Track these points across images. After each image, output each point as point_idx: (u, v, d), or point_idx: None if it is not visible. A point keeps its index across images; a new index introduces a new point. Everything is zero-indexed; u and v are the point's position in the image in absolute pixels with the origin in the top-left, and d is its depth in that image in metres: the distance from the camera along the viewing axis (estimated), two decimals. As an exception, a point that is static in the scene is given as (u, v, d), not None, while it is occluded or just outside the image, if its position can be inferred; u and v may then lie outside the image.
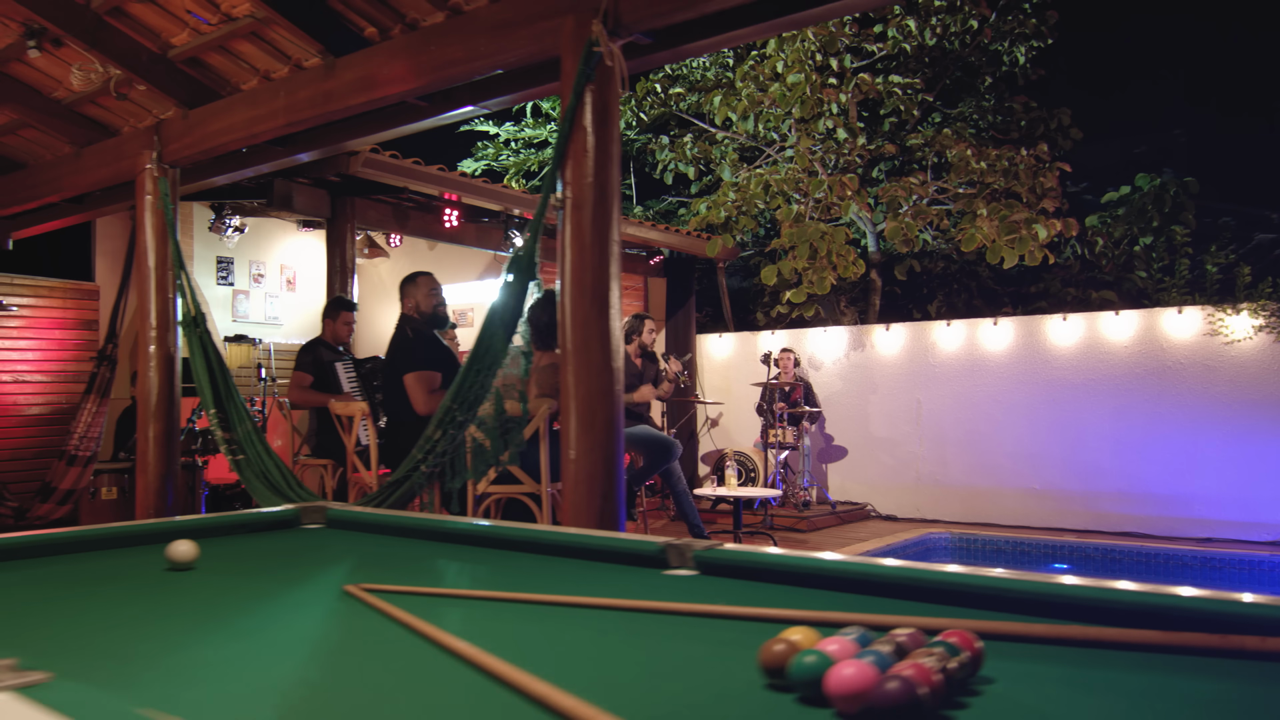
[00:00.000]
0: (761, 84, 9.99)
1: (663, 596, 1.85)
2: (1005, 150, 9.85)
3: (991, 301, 12.83)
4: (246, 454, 4.64)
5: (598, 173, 3.45)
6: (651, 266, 12.08)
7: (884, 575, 1.81)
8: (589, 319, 3.44)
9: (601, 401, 3.42)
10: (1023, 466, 10.12)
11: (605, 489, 3.40)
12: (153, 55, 5.00)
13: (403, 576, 2.08)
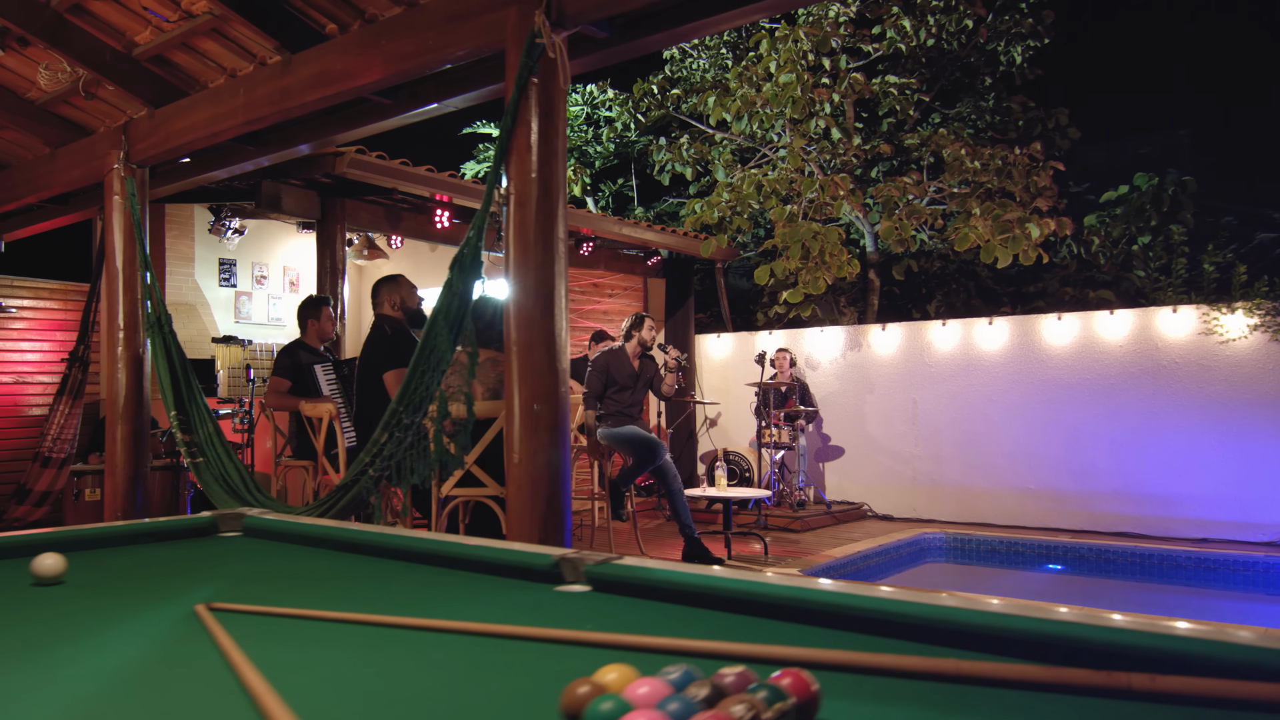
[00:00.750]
0: (755, 84, 9.80)
1: (541, 616, 1.69)
2: (998, 149, 9.64)
3: (990, 301, 12.60)
4: (206, 456, 4.50)
5: (541, 168, 3.29)
6: (650, 267, 11.92)
7: (777, 596, 1.63)
8: (532, 319, 3.27)
9: (546, 404, 3.26)
10: (1018, 466, 9.90)
11: (550, 494, 3.24)
12: (117, 54, 4.87)
13: (277, 593, 1.92)
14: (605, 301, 12.03)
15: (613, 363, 7.73)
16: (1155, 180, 12.02)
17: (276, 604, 1.73)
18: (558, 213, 3.32)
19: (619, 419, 7.68)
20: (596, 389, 7.69)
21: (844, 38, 10.91)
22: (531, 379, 3.25)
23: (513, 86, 3.28)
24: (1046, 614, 1.42)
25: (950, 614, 1.50)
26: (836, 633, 1.53)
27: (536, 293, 3.27)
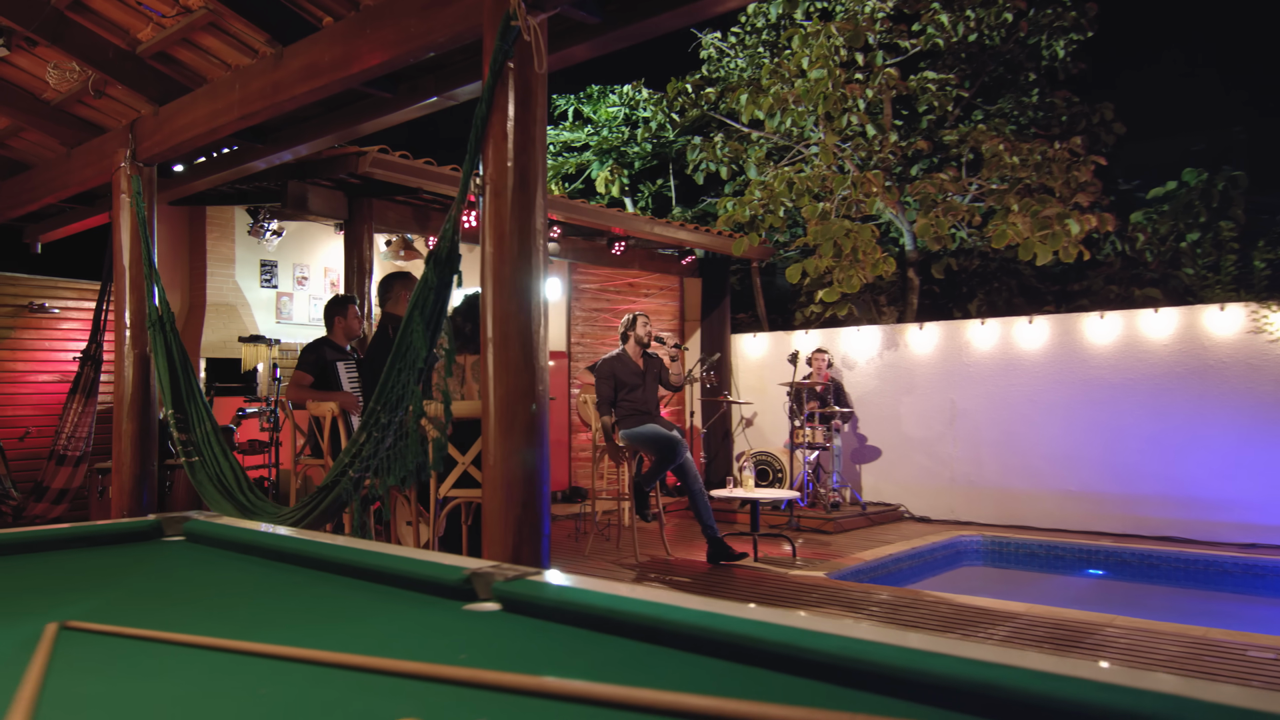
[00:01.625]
0: (788, 81, 9.53)
1: (430, 641, 1.48)
2: (1037, 144, 9.26)
3: (1033, 300, 12.18)
4: (202, 455, 4.38)
5: (518, 157, 3.09)
6: (686, 267, 11.69)
7: (690, 626, 1.41)
8: (508, 314, 3.08)
9: (521, 402, 3.06)
10: (1059, 468, 9.52)
11: (525, 496, 3.04)
12: (120, 52, 4.77)
13: (159, 609, 1.74)
14: (641, 301, 11.83)
15: (616, 367, 7.60)
16: (1204, 176, 11.54)
17: (155, 621, 1.55)
18: (535, 203, 3.12)
19: (638, 418, 7.49)
20: (607, 395, 7.56)
21: (880, 33, 10.60)
22: (507, 376, 3.06)
23: (488, 71, 3.09)
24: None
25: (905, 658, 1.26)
26: (751, 670, 1.30)
27: (512, 286, 3.07)
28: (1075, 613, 5.74)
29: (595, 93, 14.01)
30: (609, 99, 13.76)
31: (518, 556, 3.02)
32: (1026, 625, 5.42)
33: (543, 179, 3.15)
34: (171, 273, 10.75)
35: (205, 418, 4.47)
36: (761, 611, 1.41)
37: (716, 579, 6.82)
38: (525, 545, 3.02)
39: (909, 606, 5.87)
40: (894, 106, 12.20)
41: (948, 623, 5.47)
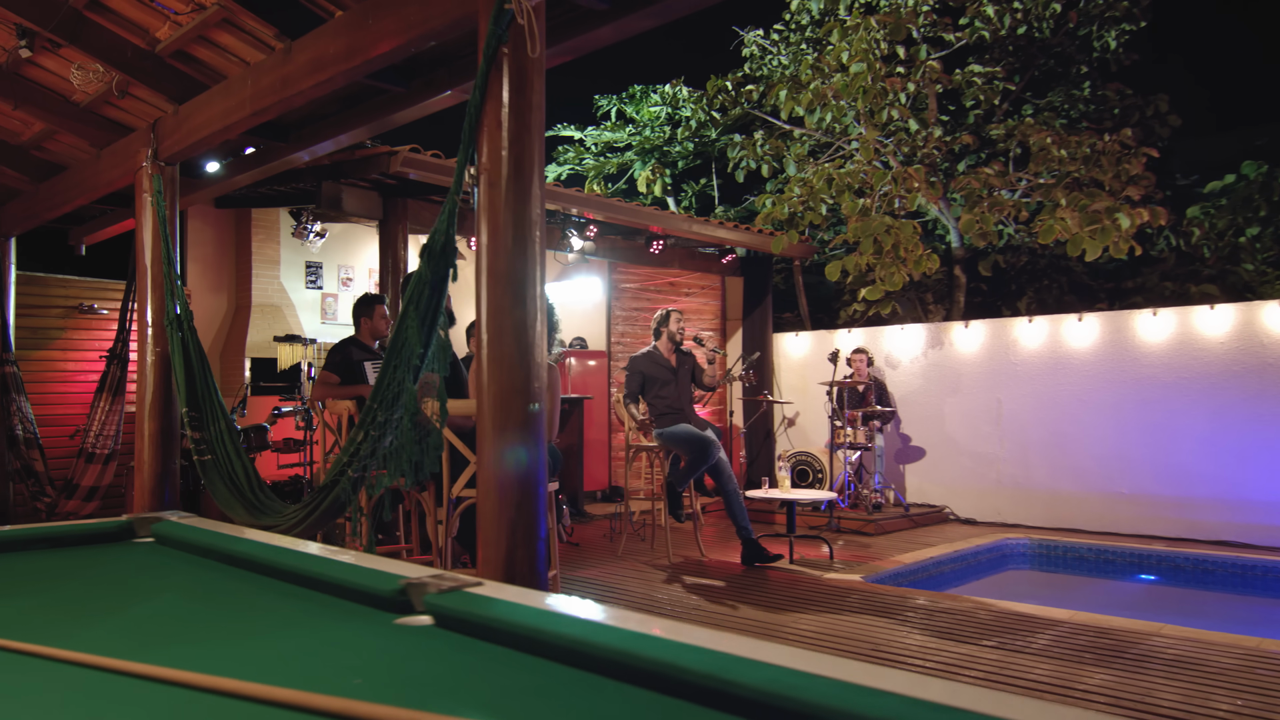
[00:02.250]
0: (827, 76, 9.30)
1: (345, 658, 1.33)
2: (1086, 137, 8.92)
3: (1085, 298, 11.79)
4: (215, 454, 4.30)
5: (513, 144, 2.94)
6: (727, 266, 11.48)
7: (615, 652, 1.23)
8: (501, 308, 2.93)
9: (514, 400, 2.91)
10: (1110, 470, 9.16)
11: (519, 498, 2.89)
12: (139, 51, 4.72)
13: (63, 620, 1.61)
14: (682, 300, 11.65)
15: (646, 364, 7.43)
16: (1264, 169, 11.08)
17: (59, 631, 1.42)
18: (531, 192, 2.96)
19: (671, 417, 7.31)
20: (633, 389, 7.44)
21: (924, 27, 10.31)
22: (500, 373, 2.91)
23: (482, 57, 2.94)
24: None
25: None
26: (675, 704, 1.13)
27: (507, 279, 2.92)
28: (1121, 620, 5.45)
29: (638, 92, 13.86)
30: (650, 98, 13.61)
31: (511, 560, 2.87)
32: (1068, 633, 5.16)
33: (539, 168, 3.00)
34: (218, 274, 10.81)
35: (220, 416, 4.40)
36: (702, 635, 1.23)
37: (750, 581, 6.63)
38: (520, 548, 2.87)
39: (945, 612, 5.63)
40: (940, 101, 11.89)
41: (985, 629, 5.22)
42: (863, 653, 4.72)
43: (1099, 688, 4.19)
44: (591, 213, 9.04)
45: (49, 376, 8.48)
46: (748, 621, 5.39)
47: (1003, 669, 4.45)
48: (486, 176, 2.96)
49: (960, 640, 4.98)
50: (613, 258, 10.45)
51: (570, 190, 8.53)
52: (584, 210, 8.95)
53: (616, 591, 6.23)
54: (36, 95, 5.44)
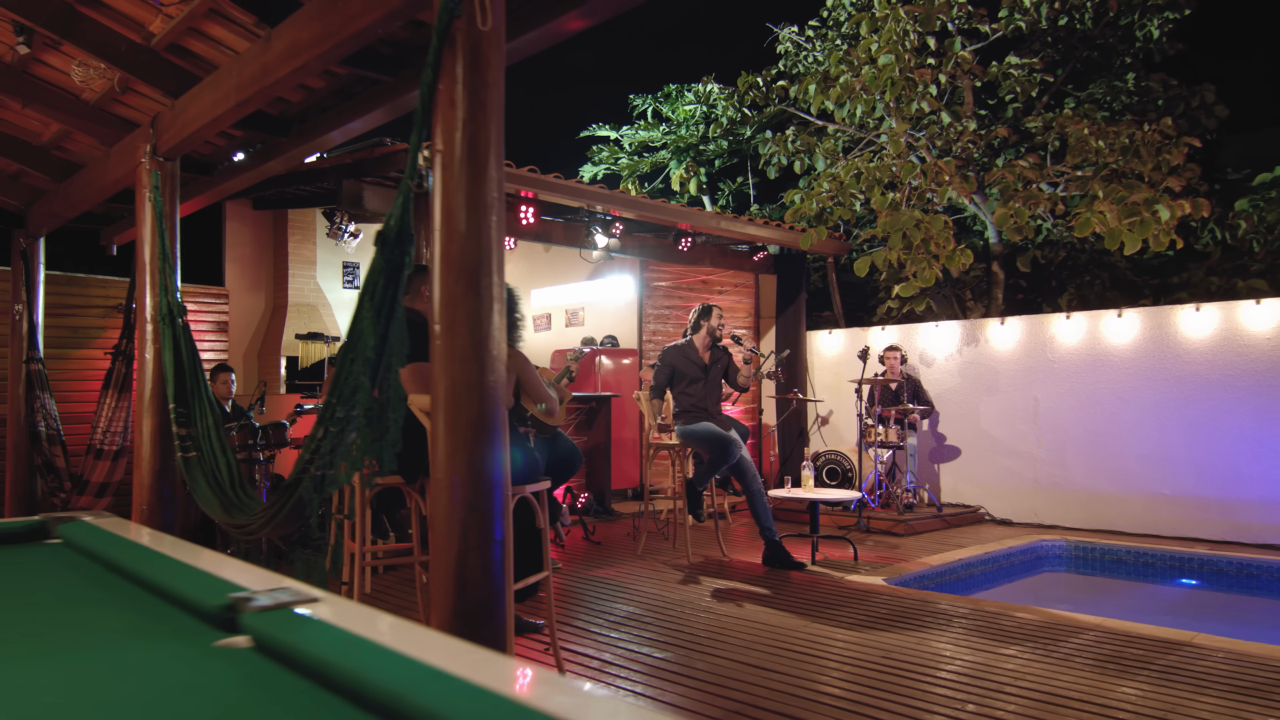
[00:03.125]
0: (856, 69, 8.97)
1: (144, 690, 1.12)
2: (1124, 126, 8.49)
3: (1129, 294, 11.31)
4: (200, 451, 4.15)
5: (467, 124, 2.73)
6: (761, 263, 11.19)
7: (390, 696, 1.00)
8: (454, 297, 2.71)
9: (467, 395, 2.69)
10: (1151, 470, 8.73)
11: (472, 498, 2.67)
12: (133, 45, 4.59)
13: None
14: (715, 298, 11.38)
15: (677, 357, 7.12)
16: (1316, 159, 10.53)
17: None
18: (487, 175, 2.74)
19: (694, 415, 7.05)
20: (661, 383, 7.13)
21: (959, 19, 9.93)
22: (453, 366, 2.69)
23: (434, 33, 2.73)
24: None
25: None
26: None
27: (459, 267, 2.71)
28: (1152, 629, 5.10)
29: (673, 91, 13.62)
30: (685, 97, 13.35)
31: (462, 564, 2.65)
32: (1094, 641, 4.82)
33: (496, 149, 2.78)
34: (256, 274, 10.78)
35: (208, 412, 4.25)
36: (524, 680, 1.00)
37: (768, 583, 6.36)
38: (472, 552, 2.66)
39: (965, 617, 5.31)
40: (978, 96, 11.48)
41: (1006, 636, 4.90)
42: (871, 660, 4.44)
43: (1120, 701, 3.86)
44: (617, 210, 8.82)
45: (88, 374, 8.47)
46: (755, 625, 5.13)
47: (1018, 679, 4.14)
48: (440, 159, 2.75)
49: (978, 648, 4.68)
50: (644, 256, 10.22)
51: (594, 187, 8.31)
52: (610, 208, 8.74)
53: (629, 591, 6.00)
54: (45, 94, 5.36)
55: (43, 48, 4.92)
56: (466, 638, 2.69)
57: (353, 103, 4.69)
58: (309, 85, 4.77)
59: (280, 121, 5.14)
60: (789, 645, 4.72)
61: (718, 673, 4.26)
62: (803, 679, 4.15)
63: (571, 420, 9.40)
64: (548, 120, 28.14)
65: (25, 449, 6.75)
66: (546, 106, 27.65)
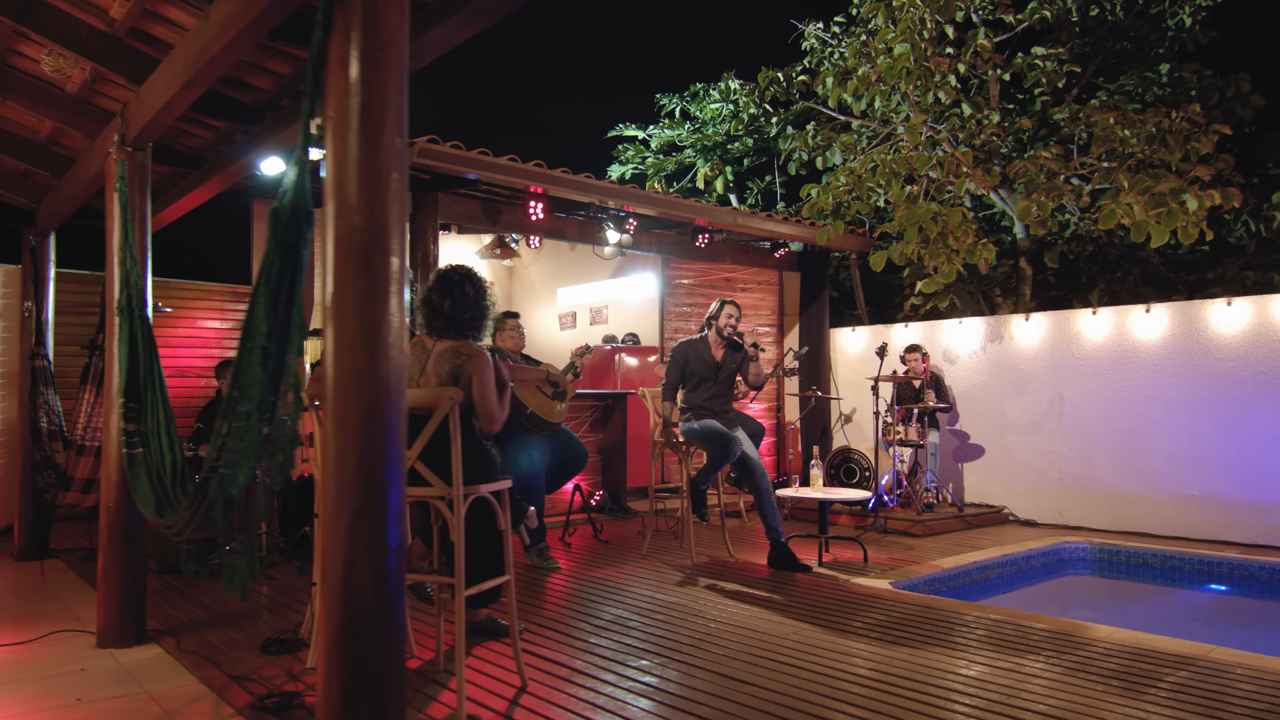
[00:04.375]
0: (873, 60, 8.51)
1: None
2: (1150, 115, 7.93)
3: (1162, 290, 10.69)
4: (147, 447, 3.88)
5: (360, 88, 2.39)
6: (783, 260, 10.75)
7: None
8: (344, 278, 2.38)
9: (357, 386, 2.35)
10: (1180, 470, 8.16)
11: (361, 501, 2.33)
12: (93, 31, 4.34)
13: None
14: (739, 296, 10.96)
15: (691, 353, 6.70)
16: (1359, 149, 9.84)
17: None
18: (382, 143, 2.40)
19: (699, 413, 6.65)
20: (672, 380, 6.70)
21: (981, 9, 9.41)
22: (342, 354, 2.36)
23: (324, -11, 2.41)
24: None
25: None
26: None
27: (349, 244, 2.37)
28: (1165, 641, 4.61)
29: (700, 91, 13.21)
30: (712, 96, 12.94)
31: (350, 573, 2.32)
32: (1100, 654, 4.36)
33: (395, 116, 2.44)
34: (282, 274, 10.60)
35: (160, 407, 3.98)
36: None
37: (769, 585, 5.95)
38: (360, 560, 2.32)
39: (966, 625, 4.87)
40: (1005, 89, 10.94)
41: (1006, 646, 4.46)
42: (858, 673, 4.03)
43: (1116, 725, 3.42)
44: (631, 205, 8.46)
45: (110, 372, 8.33)
46: (741, 633, 4.74)
47: (1008, 697, 3.70)
48: (332, 126, 2.42)
49: (971, 659, 4.24)
50: (665, 253, 9.85)
51: (603, 182, 7.96)
52: (623, 203, 8.38)
53: (621, 593, 5.64)
54: (25, 86, 5.14)
55: (14, 36, 4.69)
56: (352, 655, 2.36)
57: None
58: (274, 69, 4.48)
59: (255, 110, 4.86)
60: (774, 655, 4.33)
61: (690, 685, 3.88)
62: (779, 694, 3.76)
63: (587, 417, 9.07)
64: (521, 105, 28.02)
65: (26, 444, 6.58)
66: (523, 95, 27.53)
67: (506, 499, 3.89)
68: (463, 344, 3.90)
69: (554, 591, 5.73)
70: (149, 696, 3.80)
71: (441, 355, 3.88)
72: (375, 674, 2.32)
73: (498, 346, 6.82)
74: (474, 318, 3.95)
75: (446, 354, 3.87)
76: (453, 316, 3.94)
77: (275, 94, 4.71)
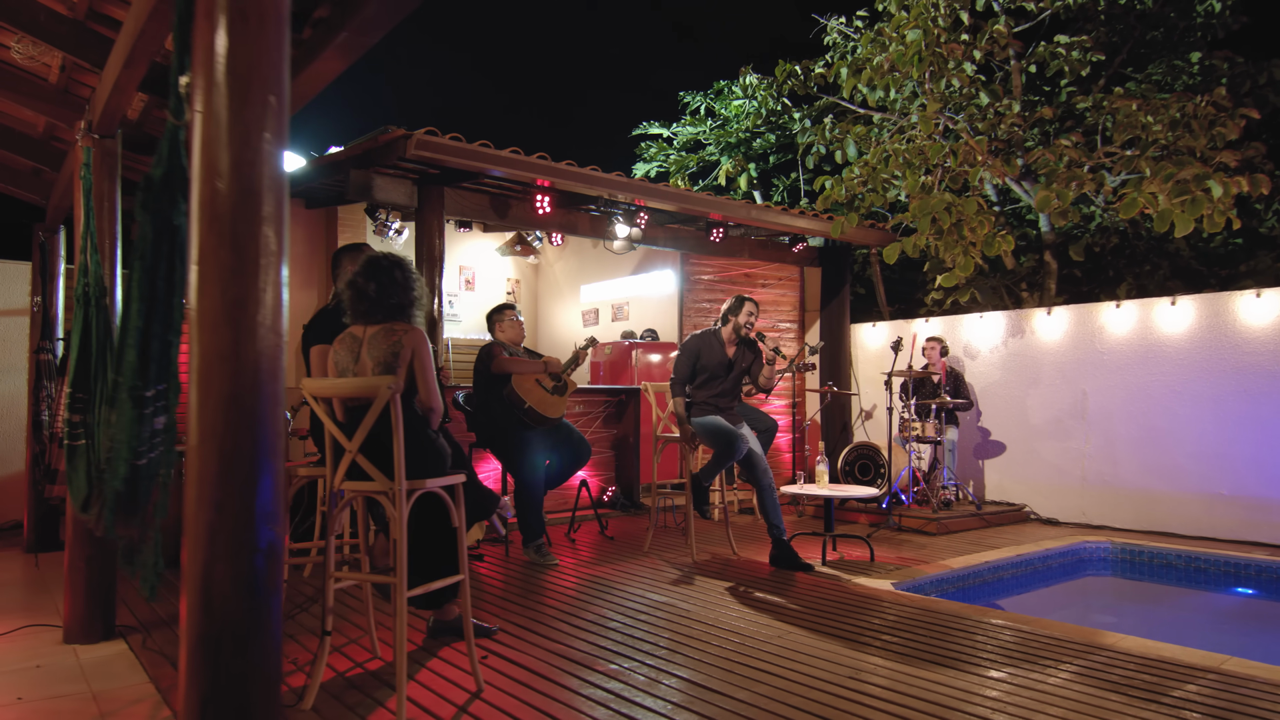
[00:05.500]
0: (886, 48, 8.07)
1: None
2: (1174, 99, 7.41)
3: (1194, 283, 10.09)
4: (91, 440, 3.63)
5: (229, 40, 2.09)
6: (804, 256, 10.33)
7: None
8: (207, 249, 2.08)
9: (218, 368, 2.06)
10: (1207, 468, 7.62)
11: (220, 496, 2.03)
12: (52, 14, 4.11)
13: None
14: (759, 292, 10.56)
15: (703, 347, 6.32)
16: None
17: None
18: (250, 98, 2.08)
19: (704, 408, 6.30)
20: (683, 373, 6.33)
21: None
22: (202, 333, 2.06)
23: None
24: None
25: None
26: None
27: (213, 212, 2.07)
28: (1176, 650, 4.17)
29: (724, 88, 12.82)
30: (735, 92, 12.54)
31: (209, 577, 2.02)
32: (1103, 663, 3.94)
33: (268, 72, 2.13)
34: (308, 272, 10.41)
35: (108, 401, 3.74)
36: None
37: (766, 585, 5.58)
38: (220, 563, 2.03)
39: (962, 630, 4.46)
40: (1031, 80, 10.42)
41: (1001, 655, 4.05)
42: (837, 683, 3.65)
43: (1107, 746, 3.02)
44: (642, 199, 8.12)
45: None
46: (724, 636, 4.38)
47: (992, 711, 3.31)
48: (200, 83, 2.12)
49: (961, 668, 3.84)
50: (683, 249, 9.50)
51: (611, 175, 7.63)
52: (634, 197, 8.04)
53: (611, 591, 5.31)
54: (9, 78, 4.94)
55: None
56: (210, 666, 2.05)
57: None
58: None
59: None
60: (752, 659, 3.97)
61: (652, 693, 3.54)
62: (746, 704, 3.40)
63: (601, 412, 8.75)
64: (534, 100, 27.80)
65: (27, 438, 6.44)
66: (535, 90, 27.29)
67: (460, 494, 3.58)
68: (396, 323, 3.61)
69: (543, 589, 5.42)
70: (91, 696, 3.55)
71: (375, 339, 3.58)
72: (237, 688, 2.02)
73: (497, 339, 6.57)
74: (401, 304, 3.64)
75: (380, 335, 3.57)
76: (379, 300, 3.63)
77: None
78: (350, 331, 3.63)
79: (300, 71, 3.49)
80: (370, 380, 3.26)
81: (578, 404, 8.62)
